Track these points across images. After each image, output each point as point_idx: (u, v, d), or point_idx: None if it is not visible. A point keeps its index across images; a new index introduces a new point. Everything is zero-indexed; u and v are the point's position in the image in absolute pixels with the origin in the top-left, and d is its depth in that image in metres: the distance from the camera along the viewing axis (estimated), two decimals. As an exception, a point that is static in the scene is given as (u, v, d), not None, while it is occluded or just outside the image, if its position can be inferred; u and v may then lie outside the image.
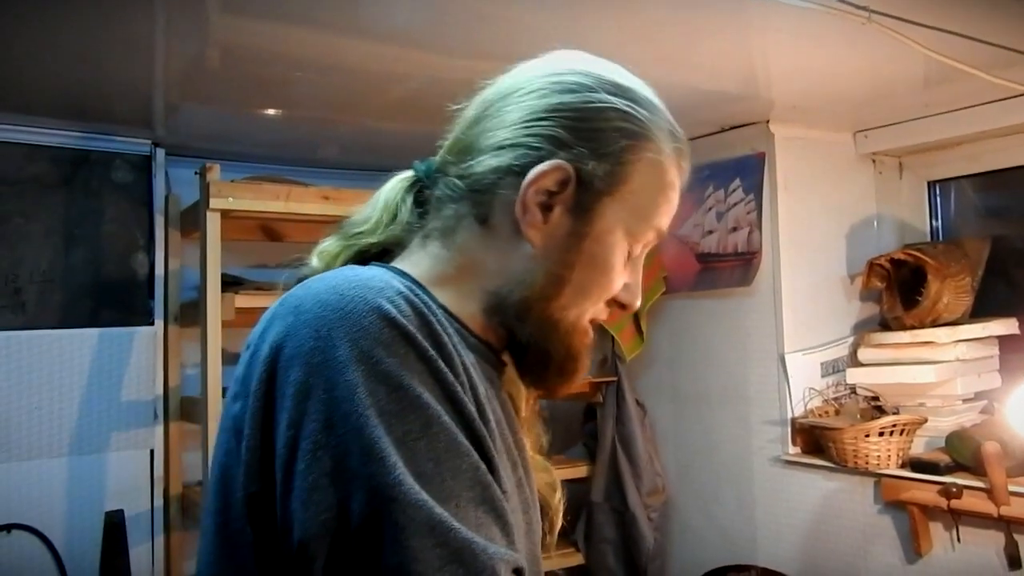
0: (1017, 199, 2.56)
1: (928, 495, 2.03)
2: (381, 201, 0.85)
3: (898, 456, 2.15)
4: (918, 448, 2.22)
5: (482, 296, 0.79)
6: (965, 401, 2.26)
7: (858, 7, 1.54)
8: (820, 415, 2.33)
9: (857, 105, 2.28)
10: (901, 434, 2.15)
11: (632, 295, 0.84)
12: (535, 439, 0.92)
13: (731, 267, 2.50)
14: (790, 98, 2.20)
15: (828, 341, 2.45)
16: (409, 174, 0.86)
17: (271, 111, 2.20)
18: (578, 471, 2.68)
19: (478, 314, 0.79)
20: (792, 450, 2.37)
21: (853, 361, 2.43)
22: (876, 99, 2.21)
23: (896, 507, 2.14)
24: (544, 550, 0.86)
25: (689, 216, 2.62)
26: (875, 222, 2.60)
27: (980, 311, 2.35)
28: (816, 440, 2.31)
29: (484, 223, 0.79)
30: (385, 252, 0.83)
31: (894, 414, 2.21)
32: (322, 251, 0.83)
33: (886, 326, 2.43)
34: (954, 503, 1.97)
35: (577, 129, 0.77)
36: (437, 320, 0.70)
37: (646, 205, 0.80)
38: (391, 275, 0.73)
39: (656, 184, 0.80)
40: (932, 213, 2.62)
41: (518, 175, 0.76)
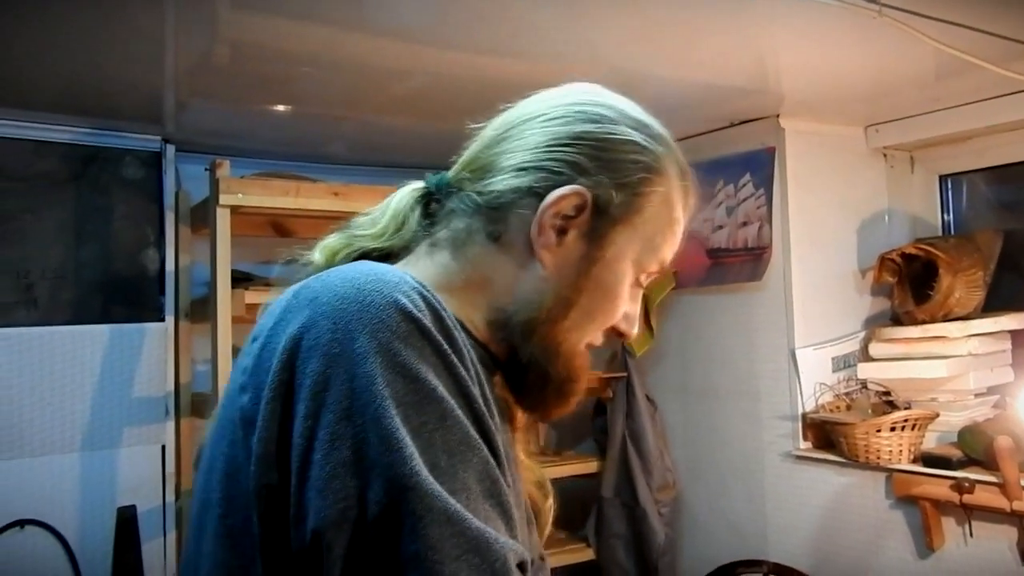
0: (1030, 193, 2.54)
1: (940, 490, 2.02)
2: (391, 208, 0.86)
3: (910, 451, 2.14)
4: (930, 443, 2.21)
5: (487, 310, 0.80)
6: (977, 396, 2.25)
7: (869, 0, 1.53)
8: (831, 410, 2.32)
9: (868, 99, 2.27)
10: (913, 429, 2.14)
11: (631, 324, 0.86)
12: (526, 444, 0.93)
13: (741, 262, 2.49)
14: (800, 92, 2.19)
15: (839, 336, 2.44)
16: (420, 185, 0.88)
17: (279, 107, 2.20)
18: (588, 466, 2.68)
19: (480, 323, 0.80)
20: (803, 445, 2.36)
21: (864, 356, 2.42)
22: (887, 93, 2.20)
23: (908, 502, 2.13)
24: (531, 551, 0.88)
25: (699, 211, 2.60)
26: (886, 216, 2.58)
27: (992, 305, 2.34)
28: (827, 435, 2.30)
29: (496, 240, 0.80)
30: (388, 256, 0.84)
31: (906, 409, 2.20)
32: (325, 246, 0.84)
33: (897, 321, 2.41)
34: (966, 498, 1.96)
35: (598, 158, 0.79)
36: (448, 317, 0.70)
37: (655, 236, 0.82)
38: (404, 272, 0.74)
39: (666, 217, 0.83)
40: (943, 207, 2.61)
41: (537, 196, 0.78)
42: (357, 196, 2.21)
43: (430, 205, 0.86)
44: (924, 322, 2.28)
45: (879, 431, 2.12)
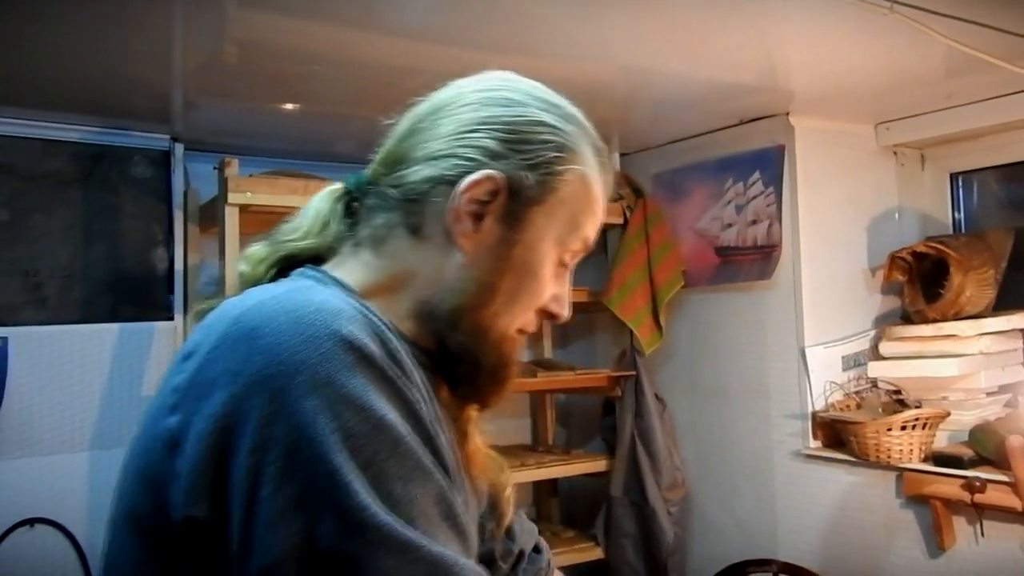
0: (1041, 190, 2.52)
1: (951, 489, 2.01)
2: (311, 211, 0.86)
3: (920, 450, 2.13)
4: (941, 442, 2.20)
5: (413, 305, 0.80)
6: (989, 395, 2.23)
7: (881, -4, 1.52)
8: (841, 409, 2.31)
9: (878, 96, 2.26)
10: (924, 428, 2.12)
11: (561, 305, 0.86)
12: (484, 437, 0.94)
13: (751, 260, 2.48)
14: (810, 90, 2.18)
15: (849, 335, 2.43)
16: (339, 185, 0.88)
17: (288, 105, 2.20)
18: (597, 465, 2.68)
19: (409, 320, 0.80)
20: (813, 444, 2.35)
21: (874, 355, 2.41)
22: (898, 90, 2.18)
23: (918, 501, 2.12)
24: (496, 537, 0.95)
25: (708, 209, 2.60)
26: (896, 214, 2.57)
27: (1003, 304, 2.32)
28: (837, 434, 2.29)
29: (416, 232, 0.80)
30: (315, 259, 0.84)
31: (916, 408, 2.18)
32: (249, 255, 0.84)
33: (908, 319, 2.40)
34: (978, 497, 1.95)
35: (508, 141, 0.79)
36: (392, 339, 0.71)
37: (575, 215, 0.82)
38: (341, 294, 0.75)
39: (584, 195, 0.83)
40: (954, 205, 2.59)
41: (450, 184, 0.78)
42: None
43: (352, 204, 0.86)
44: (935, 320, 2.27)
45: (890, 430, 2.11)
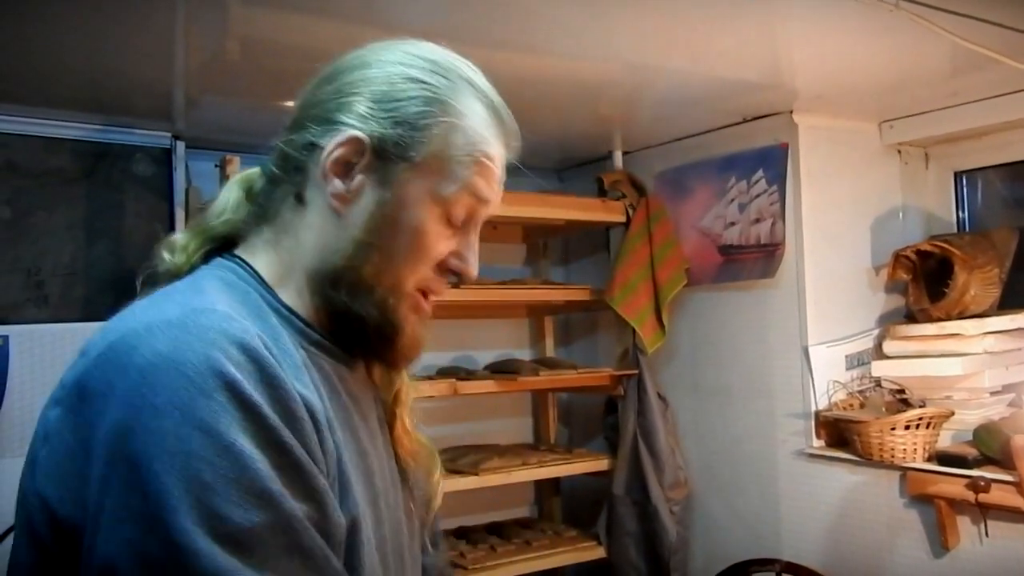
0: (1046, 189, 2.51)
1: (955, 489, 2.00)
2: (224, 195, 0.90)
3: (924, 449, 2.12)
4: (945, 441, 2.19)
5: (304, 276, 0.82)
6: (993, 394, 2.23)
7: (886, -7, 1.51)
8: (845, 408, 2.31)
9: (883, 94, 2.25)
10: (927, 427, 2.12)
11: (465, 263, 0.86)
12: (413, 419, 0.96)
13: (754, 259, 2.47)
14: (814, 87, 2.17)
15: (853, 333, 2.42)
16: (256, 169, 0.91)
17: (290, 103, 2.18)
18: (599, 464, 2.67)
19: (308, 296, 0.82)
20: (816, 443, 2.34)
21: (878, 354, 2.40)
22: (902, 88, 2.18)
23: (922, 501, 2.11)
24: (424, 523, 0.95)
25: (711, 208, 2.59)
26: (900, 213, 2.56)
27: (1008, 303, 2.31)
28: (841, 433, 2.28)
29: (300, 200, 0.83)
30: (233, 242, 0.86)
31: (920, 407, 2.18)
32: (171, 244, 0.86)
33: (912, 318, 2.39)
34: (982, 497, 1.94)
35: (376, 101, 0.80)
36: (273, 364, 0.70)
37: (451, 169, 0.81)
38: (235, 302, 0.75)
39: (463, 148, 0.82)
40: (959, 204, 2.58)
41: (321, 150, 0.80)
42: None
43: (259, 186, 0.89)
44: (939, 319, 2.26)
45: (893, 429, 2.11)
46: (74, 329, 2.26)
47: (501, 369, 2.66)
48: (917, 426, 2.11)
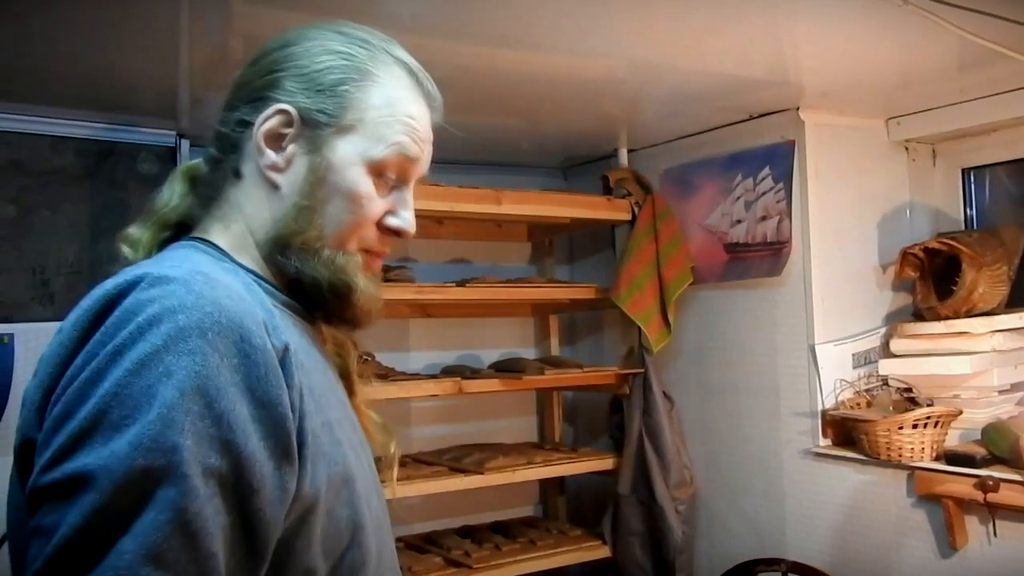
0: (1055, 186, 2.49)
1: (963, 488, 1.99)
2: (168, 185, 0.93)
3: (932, 449, 2.10)
4: (953, 440, 2.17)
5: (259, 250, 0.86)
6: (1001, 393, 2.21)
7: (894, -12, 1.50)
8: (851, 407, 2.29)
9: (890, 91, 2.24)
10: (935, 426, 2.10)
11: (403, 220, 0.89)
12: (365, 394, 0.99)
13: (760, 257, 2.46)
14: (821, 84, 2.16)
15: (860, 332, 2.40)
16: (198, 160, 0.95)
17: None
18: (605, 463, 2.67)
19: (273, 272, 0.86)
20: (823, 442, 2.33)
21: (885, 352, 2.39)
22: (910, 84, 2.16)
23: (930, 501, 2.09)
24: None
25: (717, 205, 2.58)
26: (908, 210, 2.55)
27: (1017, 301, 2.30)
28: (847, 432, 2.27)
29: (238, 176, 0.87)
30: (185, 229, 0.90)
31: (928, 406, 2.16)
32: (127, 237, 0.90)
33: (920, 316, 2.38)
34: (990, 496, 1.93)
35: (295, 74, 0.85)
36: (260, 346, 0.72)
37: (376, 131, 0.86)
38: (219, 278, 0.76)
39: (385, 111, 0.86)
40: (966, 201, 2.56)
41: (251, 126, 0.85)
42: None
43: (202, 172, 0.92)
44: (947, 318, 2.24)
45: (901, 428, 2.09)
46: (79, 327, 2.26)
47: (506, 368, 2.66)
48: (925, 425, 2.09)
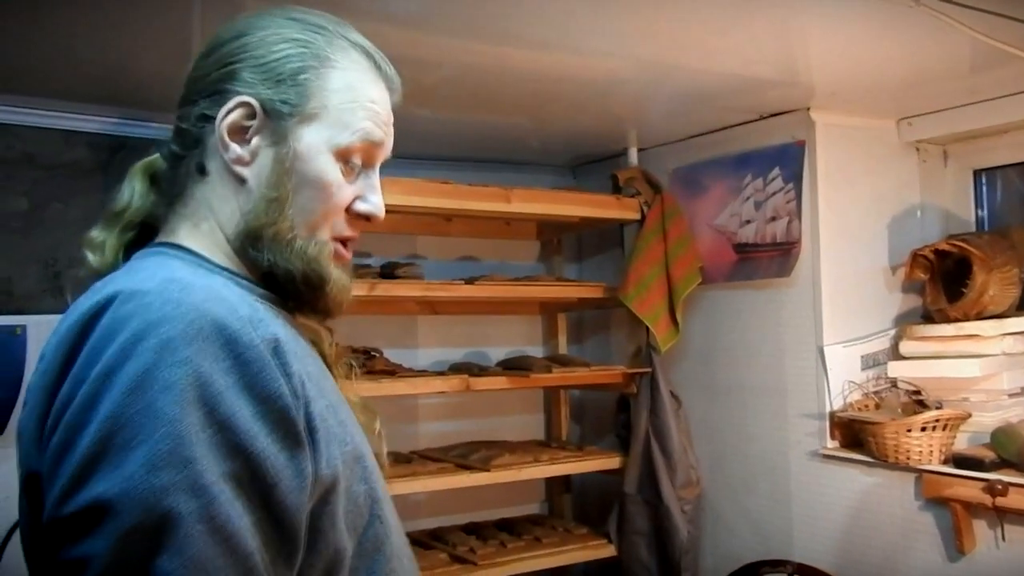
0: (1068, 189, 2.48)
1: (972, 492, 1.98)
2: (127, 184, 0.92)
3: (940, 452, 2.09)
4: (961, 444, 2.16)
5: (231, 246, 0.84)
6: (1011, 396, 2.20)
7: (905, -12, 1.49)
8: (860, 409, 2.28)
9: (901, 91, 2.23)
10: (944, 429, 2.09)
11: (372, 205, 0.89)
12: (346, 370, 0.99)
13: (769, 257, 2.45)
14: (832, 85, 2.15)
15: (869, 333, 2.39)
16: (155, 156, 0.93)
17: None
18: (611, 462, 2.66)
19: (247, 266, 0.85)
20: (830, 444, 2.32)
21: (895, 354, 2.38)
22: (921, 85, 2.15)
23: (938, 504, 2.08)
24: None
25: (726, 205, 2.57)
26: (918, 212, 2.53)
27: (1028, 304, 2.28)
28: (855, 434, 2.26)
29: (203, 172, 0.85)
30: (150, 228, 0.89)
31: (937, 409, 2.15)
32: (90, 242, 0.88)
33: (929, 319, 2.37)
34: (999, 500, 1.92)
35: (256, 65, 0.84)
36: (255, 344, 0.72)
37: (339, 117, 0.85)
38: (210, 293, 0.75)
39: (346, 96, 0.85)
40: (978, 202, 2.54)
41: (212, 120, 0.83)
42: (383, 188, 2.20)
43: (161, 169, 0.91)
44: (957, 320, 2.23)
45: (909, 431, 2.08)
46: (89, 321, 2.28)
47: (514, 366, 2.66)
48: (933, 428, 2.08)
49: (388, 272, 2.41)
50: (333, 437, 0.78)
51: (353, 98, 0.86)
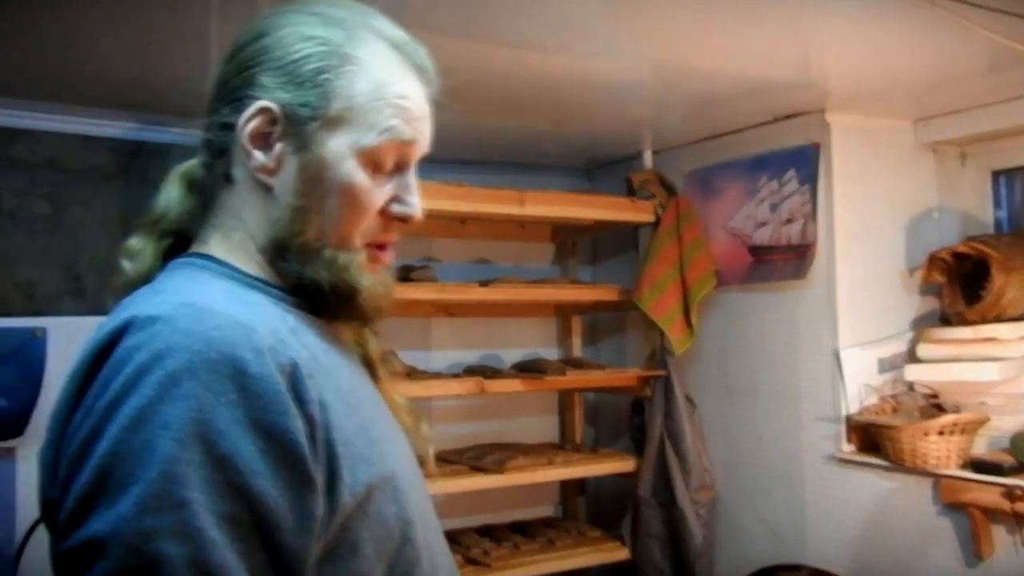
0: (1088, 190, 2.45)
1: (990, 497, 1.96)
2: (166, 190, 0.89)
3: (958, 456, 2.08)
4: (980, 448, 2.14)
5: (261, 255, 0.82)
6: (1030, 400, 2.18)
7: (921, -11, 1.49)
8: (876, 412, 2.27)
9: (918, 92, 2.21)
10: (962, 433, 2.08)
11: (407, 205, 0.85)
12: (392, 372, 0.97)
13: (785, 260, 2.44)
14: (847, 86, 2.15)
15: (885, 336, 2.38)
16: (195, 161, 0.89)
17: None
18: (625, 465, 2.66)
19: (278, 275, 0.82)
20: (846, 448, 2.31)
21: (912, 357, 2.36)
22: (938, 86, 2.13)
23: (956, 509, 2.07)
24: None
25: (741, 208, 2.57)
26: (936, 213, 2.51)
27: (1047, 307, 2.26)
28: (872, 438, 2.25)
29: (230, 180, 0.83)
30: (185, 236, 0.86)
31: (955, 412, 2.13)
32: (129, 251, 0.86)
33: (947, 321, 2.35)
34: (1018, 506, 1.90)
35: (275, 67, 0.80)
36: (268, 374, 0.69)
37: (366, 117, 0.80)
38: (225, 309, 0.72)
39: (370, 95, 0.80)
40: (996, 204, 2.52)
41: (236, 128, 0.80)
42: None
43: (198, 176, 0.88)
44: (975, 323, 2.21)
45: (927, 435, 2.07)
46: (109, 322, 2.31)
47: (528, 368, 2.67)
48: (951, 432, 2.07)
49: (403, 275, 2.42)
50: (360, 460, 0.75)
51: (379, 96, 0.80)
